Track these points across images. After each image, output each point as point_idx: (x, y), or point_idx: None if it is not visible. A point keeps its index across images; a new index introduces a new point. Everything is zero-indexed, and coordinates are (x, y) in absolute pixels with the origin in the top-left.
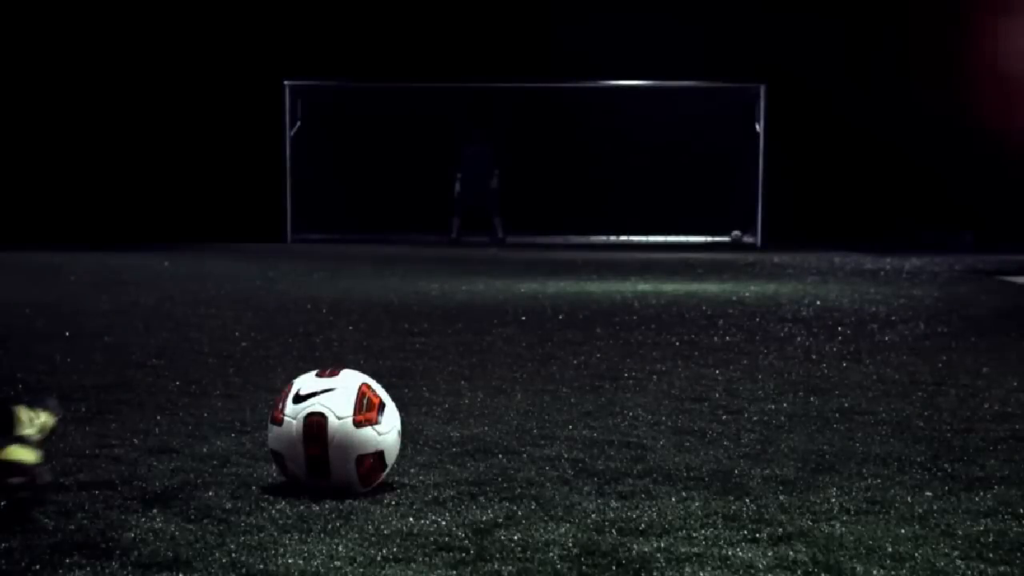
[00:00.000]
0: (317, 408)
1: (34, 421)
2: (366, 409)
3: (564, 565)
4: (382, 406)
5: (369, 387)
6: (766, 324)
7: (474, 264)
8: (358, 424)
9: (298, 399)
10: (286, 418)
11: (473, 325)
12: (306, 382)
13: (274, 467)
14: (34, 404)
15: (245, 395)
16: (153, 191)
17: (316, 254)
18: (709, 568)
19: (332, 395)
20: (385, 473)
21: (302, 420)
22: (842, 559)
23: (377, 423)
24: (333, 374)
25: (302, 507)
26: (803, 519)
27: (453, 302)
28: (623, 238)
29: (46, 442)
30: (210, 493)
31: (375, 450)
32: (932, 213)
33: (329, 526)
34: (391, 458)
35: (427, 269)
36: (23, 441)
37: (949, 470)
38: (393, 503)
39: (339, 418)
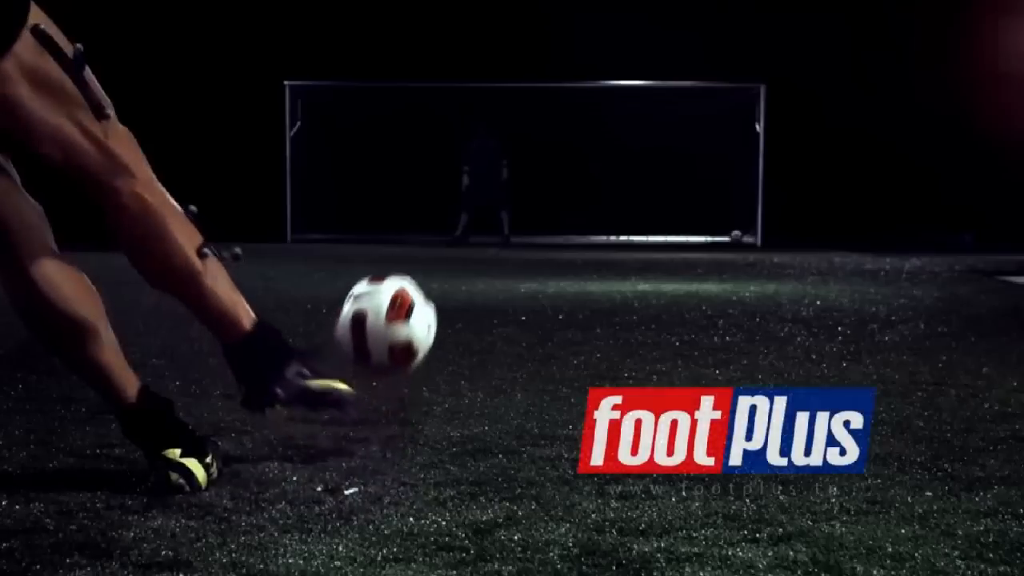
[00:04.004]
0: (361, 306)
1: (214, 469)
2: (398, 308)
3: (564, 565)
4: (411, 307)
5: (404, 291)
6: (766, 324)
7: (474, 264)
8: (389, 320)
9: (351, 299)
10: (343, 313)
11: (473, 325)
12: (360, 286)
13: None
14: (215, 450)
15: None
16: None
17: (316, 254)
18: (709, 568)
19: (374, 296)
20: (417, 359)
21: (350, 316)
22: (842, 559)
23: (405, 321)
24: (379, 280)
25: (302, 507)
26: (803, 519)
27: (453, 302)
28: (623, 238)
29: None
30: (210, 493)
31: (405, 340)
32: (932, 213)
33: (329, 526)
34: (420, 345)
35: (427, 269)
36: (205, 466)
37: (949, 470)
38: (393, 503)
39: (376, 315)
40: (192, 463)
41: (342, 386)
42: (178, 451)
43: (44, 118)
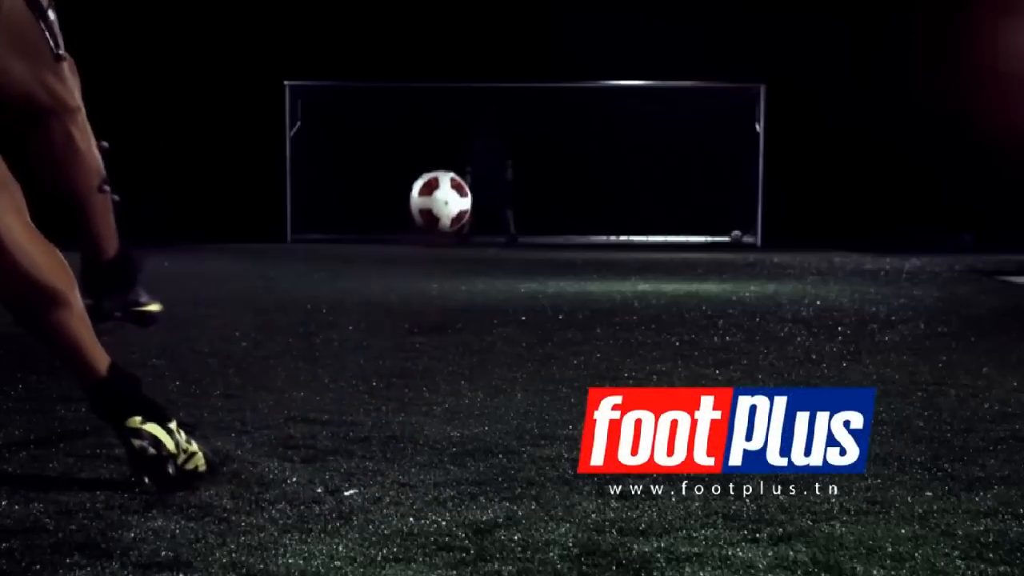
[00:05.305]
0: (412, 190)
1: (186, 443)
2: (425, 187)
3: (564, 565)
4: (435, 187)
5: (436, 177)
6: (766, 324)
7: (474, 264)
8: (419, 195)
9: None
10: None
11: (473, 325)
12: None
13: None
14: (192, 435)
15: (245, 395)
16: (152, 191)
17: (316, 254)
18: (709, 568)
19: (419, 183)
20: (442, 223)
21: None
22: (842, 559)
23: (429, 195)
24: (430, 172)
25: (302, 507)
26: (803, 519)
27: (453, 302)
28: (623, 238)
29: (185, 464)
30: (210, 493)
31: (428, 208)
32: (932, 213)
33: (329, 526)
34: (440, 213)
35: (427, 269)
36: (169, 431)
37: (949, 470)
38: (393, 503)
39: (414, 191)
40: (154, 427)
41: (156, 308)
42: (139, 418)
43: (12, 71)
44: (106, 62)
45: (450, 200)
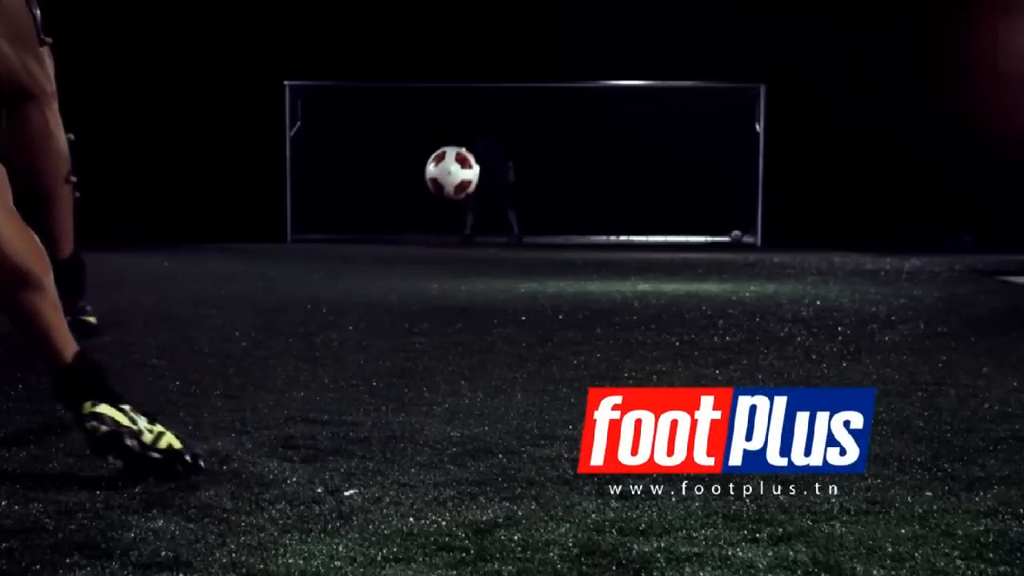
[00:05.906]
0: (429, 157)
1: (150, 424)
2: (435, 160)
3: (564, 565)
4: (442, 158)
5: (444, 151)
6: (766, 324)
7: (474, 264)
8: (432, 165)
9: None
10: None
11: (473, 325)
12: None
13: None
14: (154, 420)
15: (245, 395)
16: (152, 191)
17: (316, 254)
18: (709, 568)
19: (432, 156)
20: (447, 191)
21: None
22: (842, 559)
23: (436, 166)
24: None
25: (302, 507)
26: (803, 519)
27: (453, 302)
28: (623, 238)
29: (156, 443)
30: (210, 493)
31: (433, 177)
32: (932, 213)
33: (329, 526)
34: (443, 181)
35: (427, 269)
36: (122, 411)
37: (949, 470)
38: (393, 503)
39: (428, 162)
40: (105, 407)
41: (94, 320)
42: (90, 402)
43: (6, 58)
44: (107, 62)
45: (453, 171)
